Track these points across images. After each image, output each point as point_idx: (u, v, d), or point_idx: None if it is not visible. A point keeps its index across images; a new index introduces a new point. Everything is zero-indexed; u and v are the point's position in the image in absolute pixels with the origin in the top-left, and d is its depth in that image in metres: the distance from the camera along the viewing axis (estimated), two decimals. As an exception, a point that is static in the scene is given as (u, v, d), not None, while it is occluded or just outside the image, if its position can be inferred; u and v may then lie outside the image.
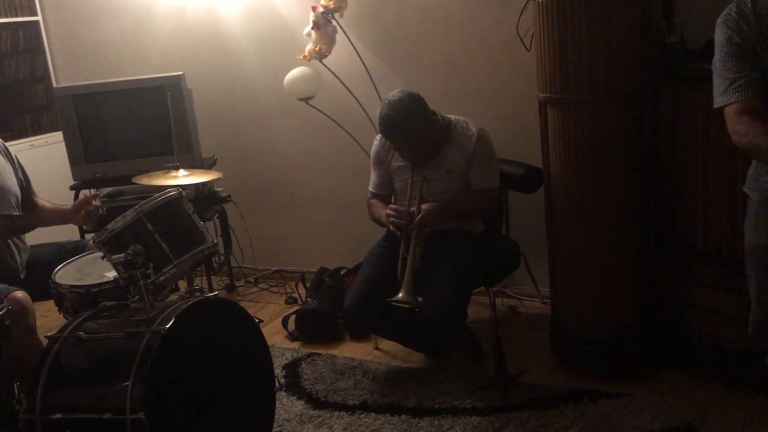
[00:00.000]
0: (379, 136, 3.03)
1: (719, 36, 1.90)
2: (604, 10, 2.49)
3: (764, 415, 2.37)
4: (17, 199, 2.98)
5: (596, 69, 2.53)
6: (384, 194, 3.07)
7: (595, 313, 2.76)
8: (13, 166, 3.03)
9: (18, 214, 2.95)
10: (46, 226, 3.11)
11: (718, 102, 1.92)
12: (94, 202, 3.01)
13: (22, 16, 4.32)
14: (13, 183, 2.99)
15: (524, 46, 3.02)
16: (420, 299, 2.76)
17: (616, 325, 2.74)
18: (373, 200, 3.09)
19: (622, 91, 2.56)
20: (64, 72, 4.50)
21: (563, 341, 2.89)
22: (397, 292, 2.71)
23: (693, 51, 2.62)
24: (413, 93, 2.82)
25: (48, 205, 3.13)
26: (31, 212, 3.06)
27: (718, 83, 1.92)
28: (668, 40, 2.62)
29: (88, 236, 3.54)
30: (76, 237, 3.66)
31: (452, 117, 2.96)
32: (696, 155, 2.52)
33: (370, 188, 3.11)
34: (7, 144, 3.09)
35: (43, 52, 4.42)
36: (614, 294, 2.72)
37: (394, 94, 2.82)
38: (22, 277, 2.93)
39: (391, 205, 2.92)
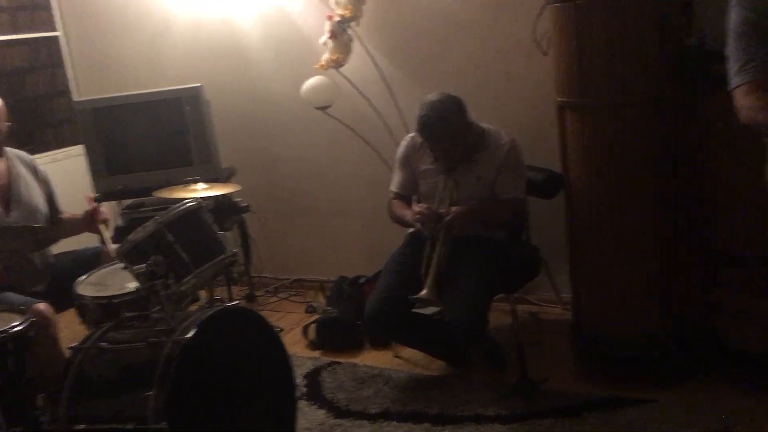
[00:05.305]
0: (408, 137, 3.04)
1: (733, 16, 1.87)
2: (620, 13, 2.47)
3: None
4: (45, 218, 3.02)
5: (614, 72, 2.51)
6: (406, 195, 3.07)
7: (620, 319, 2.72)
8: (40, 184, 3.07)
9: (40, 225, 2.97)
10: (68, 236, 3.14)
11: (730, 84, 1.88)
12: (101, 210, 3.01)
13: (43, 31, 4.38)
14: (40, 201, 3.03)
15: (541, 50, 3.01)
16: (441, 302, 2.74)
17: (642, 332, 2.71)
18: (395, 200, 3.08)
19: (641, 94, 2.54)
20: (85, 86, 4.55)
21: (587, 347, 2.86)
22: (419, 292, 2.69)
23: (713, 53, 2.59)
24: (452, 95, 2.82)
25: (66, 215, 3.16)
26: (55, 225, 3.09)
27: (731, 65, 1.88)
28: (687, 42, 2.59)
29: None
30: (94, 243, 3.67)
31: (485, 125, 2.96)
32: (723, 158, 2.49)
33: (393, 188, 3.09)
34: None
35: (63, 67, 4.48)
36: (640, 300, 2.68)
37: (433, 95, 2.82)
38: (42, 289, 2.95)
39: (421, 204, 2.91)
